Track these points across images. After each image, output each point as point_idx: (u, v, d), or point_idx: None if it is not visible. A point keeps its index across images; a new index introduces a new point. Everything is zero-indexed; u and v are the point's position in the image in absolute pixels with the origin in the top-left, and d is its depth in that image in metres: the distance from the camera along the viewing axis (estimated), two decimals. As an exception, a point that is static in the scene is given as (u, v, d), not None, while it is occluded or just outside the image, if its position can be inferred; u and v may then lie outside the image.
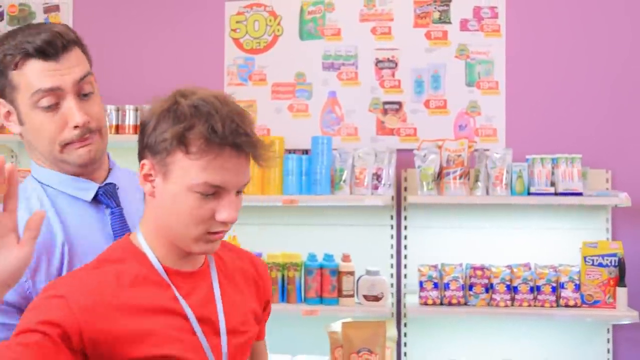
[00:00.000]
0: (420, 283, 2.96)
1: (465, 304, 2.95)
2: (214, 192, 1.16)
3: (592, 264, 2.93)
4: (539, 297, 2.90)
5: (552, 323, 3.10)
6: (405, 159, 3.18)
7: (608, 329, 3.10)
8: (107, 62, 3.47)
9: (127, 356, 1.14)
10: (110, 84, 3.41)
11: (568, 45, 3.24)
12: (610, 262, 2.92)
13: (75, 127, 1.32)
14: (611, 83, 3.22)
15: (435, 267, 2.98)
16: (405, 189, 3.18)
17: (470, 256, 3.07)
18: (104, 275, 1.19)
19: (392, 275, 3.16)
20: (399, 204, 3.19)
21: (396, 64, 3.29)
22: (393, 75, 3.29)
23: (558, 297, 2.93)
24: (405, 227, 3.18)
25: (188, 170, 1.15)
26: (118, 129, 3.20)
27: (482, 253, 3.09)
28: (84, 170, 1.38)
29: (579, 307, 2.91)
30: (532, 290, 2.91)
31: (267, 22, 3.37)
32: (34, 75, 1.31)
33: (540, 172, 3.01)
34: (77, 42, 1.37)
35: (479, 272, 2.93)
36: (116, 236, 1.36)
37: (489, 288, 2.93)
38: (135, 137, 1.23)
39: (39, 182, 1.38)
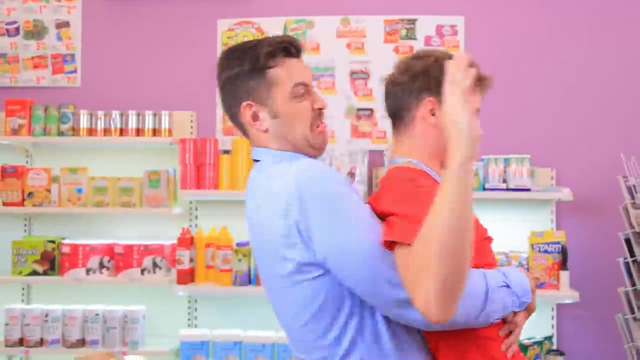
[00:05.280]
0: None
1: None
2: None
3: (539, 251, 3.16)
4: (492, 280, 3.17)
5: (503, 303, 3.35)
6: (376, 158, 3.43)
7: (553, 308, 3.34)
8: (111, 73, 3.71)
9: None
10: (115, 92, 3.69)
11: (518, 59, 3.48)
12: (555, 249, 3.15)
13: (319, 108, 1.45)
14: (557, 93, 3.46)
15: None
16: (377, 185, 3.36)
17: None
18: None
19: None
20: (371, 198, 3.46)
21: (368, 75, 3.55)
22: (366, 84, 3.55)
23: (509, 280, 3.23)
24: (377, 219, 3.42)
25: None
26: (122, 131, 3.42)
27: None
28: (319, 154, 1.48)
29: (527, 288, 3.20)
30: (486, 273, 3.20)
31: (255, 38, 3.62)
32: (294, 69, 1.43)
33: (494, 170, 3.23)
34: None
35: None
36: None
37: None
38: (137, 139, 1.43)
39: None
